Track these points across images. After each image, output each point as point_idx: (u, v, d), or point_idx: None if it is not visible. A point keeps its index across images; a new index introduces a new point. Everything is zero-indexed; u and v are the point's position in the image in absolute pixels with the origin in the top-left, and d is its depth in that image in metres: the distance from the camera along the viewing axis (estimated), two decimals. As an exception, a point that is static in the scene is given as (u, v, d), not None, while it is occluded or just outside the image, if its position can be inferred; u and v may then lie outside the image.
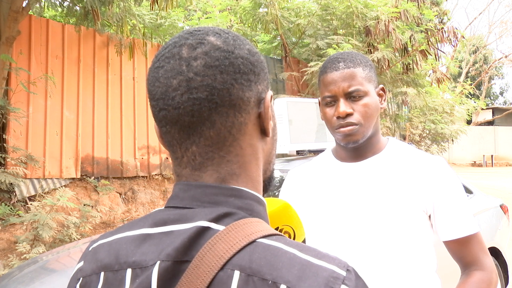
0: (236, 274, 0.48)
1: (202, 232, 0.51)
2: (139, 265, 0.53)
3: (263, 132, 0.60)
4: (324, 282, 0.47)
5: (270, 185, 0.66)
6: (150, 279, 0.51)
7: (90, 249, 0.61)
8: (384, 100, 1.25)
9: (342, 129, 1.17)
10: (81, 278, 0.59)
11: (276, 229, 0.74)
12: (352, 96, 1.16)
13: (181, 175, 0.59)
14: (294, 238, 0.76)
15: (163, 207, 0.59)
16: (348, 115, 1.16)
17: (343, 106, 1.15)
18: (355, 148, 1.22)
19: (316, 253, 0.50)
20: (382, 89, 1.25)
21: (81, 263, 0.61)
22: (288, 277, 0.47)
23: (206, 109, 0.55)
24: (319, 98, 1.24)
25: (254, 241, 0.50)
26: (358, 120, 1.16)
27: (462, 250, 1.17)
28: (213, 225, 0.52)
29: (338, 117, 1.17)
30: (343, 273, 0.49)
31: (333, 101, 1.18)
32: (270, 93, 0.61)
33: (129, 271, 0.53)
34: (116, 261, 0.55)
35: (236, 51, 0.57)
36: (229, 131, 0.56)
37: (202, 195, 0.55)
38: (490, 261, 1.17)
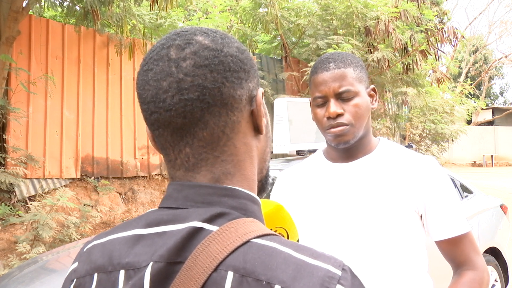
0: (230, 275, 0.47)
1: (195, 233, 0.51)
2: (132, 266, 0.52)
3: (257, 129, 0.60)
4: (320, 282, 0.47)
5: (266, 185, 0.66)
6: (143, 280, 0.50)
7: (84, 249, 0.61)
8: (375, 101, 1.24)
9: (332, 130, 1.16)
10: (75, 279, 0.58)
11: None
12: (342, 97, 1.16)
13: (174, 177, 0.58)
14: None
15: (157, 208, 0.58)
16: (339, 115, 1.15)
17: (334, 107, 1.15)
18: (346, 148, 1.21)
19: (312, 252, 0.50)
20: (373, 90, 1.24)
21: (76, 264, 0.60)
22: (283, 277, 0.46)
23: (198, 110, 0.54)
24: (310, 99, 1.24)
25: (248, 241, 0.49)
26: (349, 120, 1.15)
27: (453, 250, 1.17)
28: (206, 226, 0.51)
29: (329, 118, 1.16)
30: (339, 272, 0.48)
31: (323, 101, 1.18)
32: (261, 90, 0.61)
33: (122, 273, 0.53)
34: (110, 262, 0.55)
35: (225, 49, 0.56)
36: (222, 131, 0.56)
37: (196, 195, 0.55)
38: (481, 260, 1.17)
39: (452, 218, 1.16)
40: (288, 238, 0.75)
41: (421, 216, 1.18)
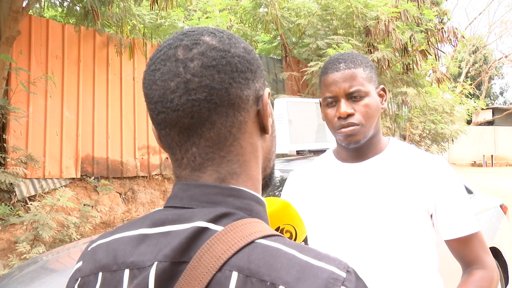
0: (234, 275, 0.47)
1: (200, 233, 0.51)
2: (136, 265, 0.53)
3: (263, 129, 0.60)
4: (324, 284, 0.46)
5: (270, 183, 0.66)
6: (148, 280, 0.50)
7: (89, 249, 0.61)
8: (385, 101, 1.26)
9: (343, 130, 1.17)
10: (79, 278, 0.59)
11: (277, 228, 0.74)
12: (353, 97, 1.17)
13: (180, 176, 0.58)
14: (295, 237, 0.76)
15: (162, 207, 0.58)
16: (349, 115, 1.16)
17: (344, 107, 1.16)
18: (357, 148, 1.22)
19: (316, 254, 0.50)
20: (383, 90, 1.25)
21: (80, 263, 0.60)
22: (287, 278, 0.46)
23: (205, 110, 0.54)
24: (320, 99, 1.25)
25: (252, 242, 0.49)
26: (359, 120, 1.16)
27: (463, 249, 1.18)
28: (211, 226, 0.51)
29: (339, 118, 1.17)
30: (343, 274, 0.48)
31: (334, 101, 1.19)
32: (267, 90, 0.61)
33: (126, 272, 0.53)
34: (114, 262, 0.55)
35: (232, 49, 0.57)
36: (229, 131, 0.56)
37: (201, 194, 0.55)
38: (491, 259, 1.18)
39: (462, 217, 1.17)
40: (296, 235, 0.76)
41: (431, 216, 1.19)
